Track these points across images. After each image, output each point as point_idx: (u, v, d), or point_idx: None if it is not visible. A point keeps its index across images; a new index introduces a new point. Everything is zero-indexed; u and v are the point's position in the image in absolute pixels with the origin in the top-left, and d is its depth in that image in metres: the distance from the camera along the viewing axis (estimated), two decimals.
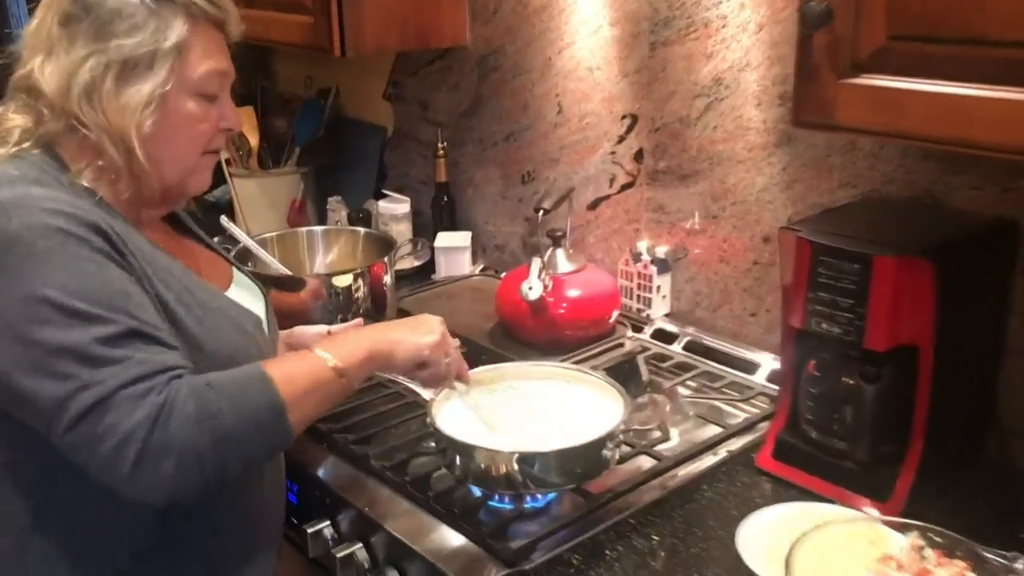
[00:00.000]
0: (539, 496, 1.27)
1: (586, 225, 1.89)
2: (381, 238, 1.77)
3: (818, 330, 1.24)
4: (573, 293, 1.66)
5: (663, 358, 1.66)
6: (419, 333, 1.19)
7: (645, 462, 1.36)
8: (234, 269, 1.32)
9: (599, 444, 1.23)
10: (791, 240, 1.26)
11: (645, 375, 1.60)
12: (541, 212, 1.60)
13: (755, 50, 1.52)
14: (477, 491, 1.28)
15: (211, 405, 0.97)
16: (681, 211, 1.71)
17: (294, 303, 1.61)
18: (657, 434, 1.42)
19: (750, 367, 1.59)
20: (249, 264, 1.70)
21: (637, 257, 1.76)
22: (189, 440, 0.95)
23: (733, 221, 1.63)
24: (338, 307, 1.65)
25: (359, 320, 1.43)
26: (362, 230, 1.81)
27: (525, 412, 1.33)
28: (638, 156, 1.76)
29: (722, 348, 1.64)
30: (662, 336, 1.73)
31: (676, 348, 1.69)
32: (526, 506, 1.28)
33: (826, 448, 1.30)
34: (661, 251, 1.74)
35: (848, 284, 1.19)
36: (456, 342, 1.26)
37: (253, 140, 2.35)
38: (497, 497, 1.28)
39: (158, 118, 1.06)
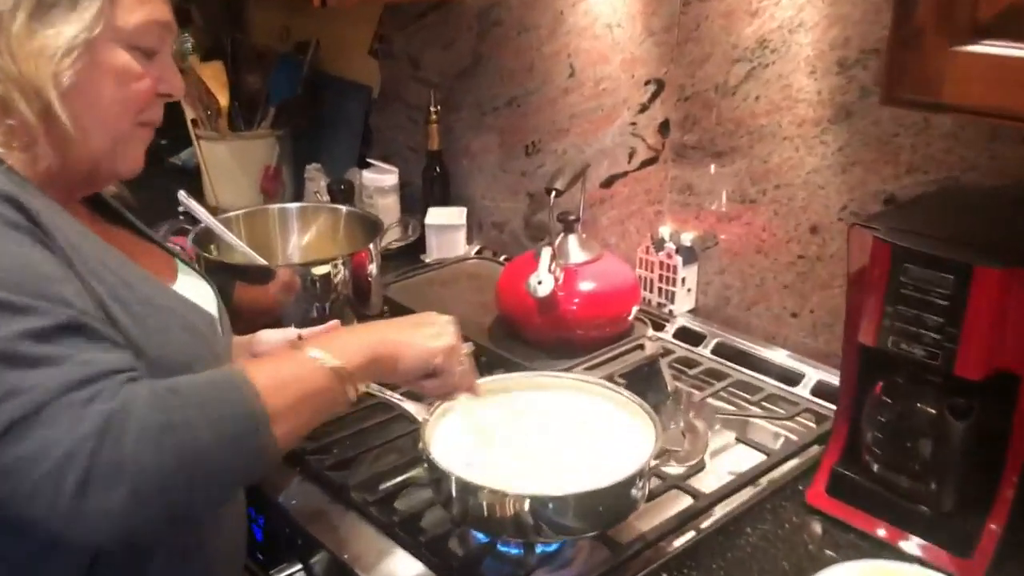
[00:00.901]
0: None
1: (598, 205, 1.66)
2: (365, 218, 1.53)
3: (894, 350, 1.03)
4: (587, 286, 1.43)
5: (689, 363, 1.45)
6: (429, 336, 1.00)
7: (677, 498, 1.15)
8: (179, 262, 1.09)
9: (627, 484, 1.02)
10: (865, 240, 1.04)
11: (669, 384, 1.38)
12: (554, 194, 1.37)
13: (810, 8, 1.29)
14: (480, 535, 1.07)
15: (176, 415, 0.76)
16: (712, 193, 1.49)
17: (261, 297, 1.38)
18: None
19: (792, 377, 1.38)
20: (212, 247, 1.47)
21: (660, 244, 1.53)
22: (149, 459, 0.73)
23: (775, 207, 1.40)
24: (314, 297, 1.42)
25: (335, 322, 1.20)
26: (343, 208, 1.58)
27: (537, 435, 1.12)
28: (663, 128, 1.53)
29: (758, 353, 1.43)
30: (687, 336, 1.51)
31: (704, 351, 1.47)
32: (538, 550, 1.07)
33: (893, 486, 1.09)
34: (687, 238, 1.52)
35: (938, 298, 0.97)
36: (469, 347, 1.05)
37: (222, 99, 2.10)
38: (503, 539, 1.07)
39: (82, 69, 0.85)
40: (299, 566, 1.13)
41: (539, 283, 1.37)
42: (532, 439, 1.12)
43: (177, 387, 0.79)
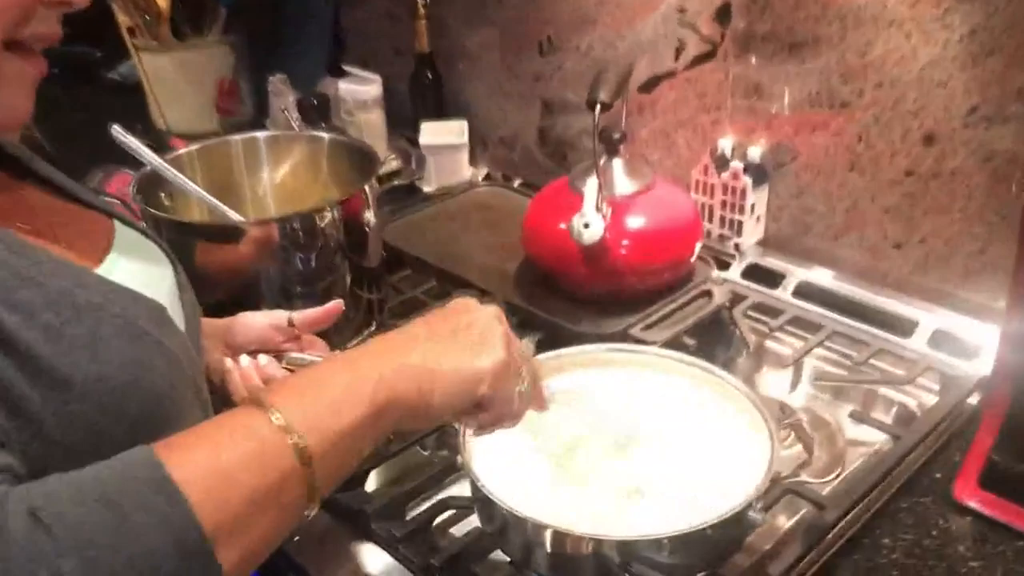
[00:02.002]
0: None
1: (636, 114, 1.35)
2: (354, 149, 1.21)
3: None
4: (638, 223, 1.14)
5: (768, 310, 1.17)
6: (467, 348, 0.65)
7: (793, 505, 0.90)
8: (118, 225, 0.78)
9: (741, 513, 0.76)
10: None
11: (750, 340, 1.12)
12: (599, 108, 1.07)
13: None
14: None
15: (45, 558, 0.45)
16: (788, 95, 1.19)
17: (230, 257, 1.08)
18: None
19: (902, 326, 1.11)
20: (162, 195, 1.15)
21: (723, 162, 1.24)
22: None
23: (875, 111, 1.11)
24: (297, 248, 1.11)
25: (337, 303, 0.91)
26: (326, 136, 1.25)
27: (612, 435, 0.86)
28: (721, 15, 1.21)
29: (855, 296, 1.16)
30: (759, 275, 1.23)
31: (783, 294, 1.20)
32: None
33: None
34: (755, 153, 1.23)
35: None
36: (528, 343, 0.74)
37: (162, 0, 1.74)
38: None
39: None
40: None
41: (586, 226, 1.08)
42: (604, 438, 0.86)
43: (56, 501, 0.47)
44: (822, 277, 1.20)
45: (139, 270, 0.74)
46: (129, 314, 0.65)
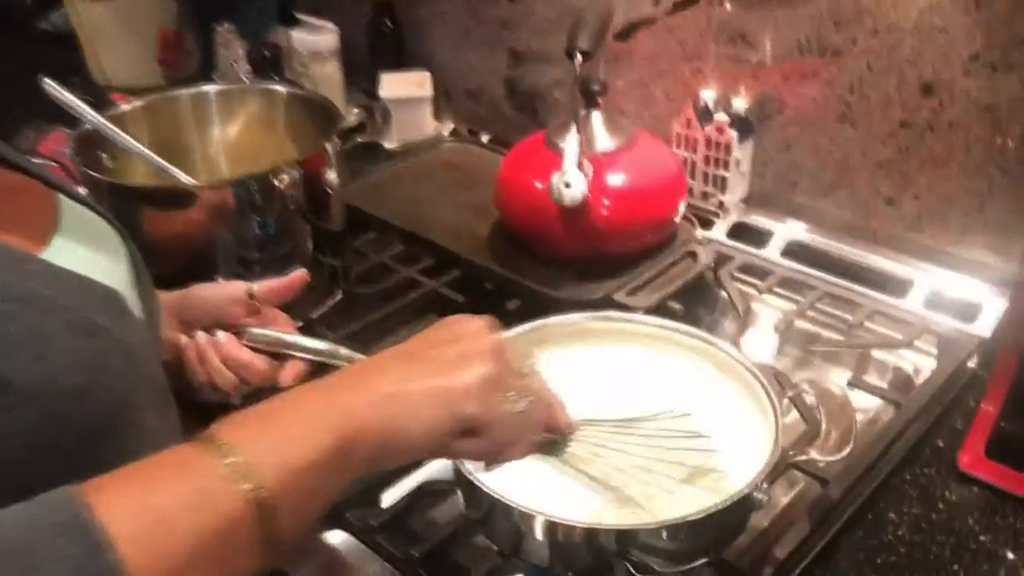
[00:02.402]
0: None
1: (614, 64, 1.28)
2: (313, 103, 1.12)
3: None
4: (620, 181, 1.07)
5: (755, 271, 1.12)
6: (449, 367, 0.57)
7: (790, 477, 0.85)
8: (61, 198, 0.69)
9: (746, 496, 0.70)
10: None
11: (740, 305, 1.06)
12: (579, 57, 0.99)
13: None
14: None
15: None
16: (775, 43, 1.12)
17: (179, 224, 0.99)
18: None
19: (897, 286, 1.06)
20: (104, 156, 1.05)
21: (706, 115, 1.17)
22: None
23: (869, 59, 1.05)
24: (253, 212, 1.03)
25: (301, 272, 0.83)
26: (282, 89, 1.16)
27: (601, 412, 0.80)
28: None
29: (846, 255, 1.11)
30: (745, 234, 1.18)
31: (771, 254, 1.14)
32: None
33: None
34: (740, 104, 1.16)
35: None
36: (531, 362, 0.66)
37: None
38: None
39: None
40: None
41: (566, 185, 1.00)
42: (594, 416, 0.79)
43: None
44: (810, 236, 1.15)
45: (90, 252, 0.65)
46: (80, 305, 0.56)
